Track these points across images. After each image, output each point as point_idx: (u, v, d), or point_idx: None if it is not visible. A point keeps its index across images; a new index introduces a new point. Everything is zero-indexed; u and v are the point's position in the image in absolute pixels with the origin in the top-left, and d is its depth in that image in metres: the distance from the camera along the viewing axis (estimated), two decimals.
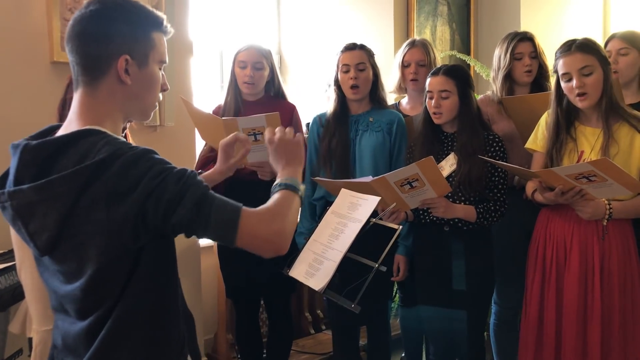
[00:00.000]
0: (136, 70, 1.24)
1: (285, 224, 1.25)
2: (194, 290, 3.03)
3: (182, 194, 1.15)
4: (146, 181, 1.13)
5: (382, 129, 2.56)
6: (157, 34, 1.28)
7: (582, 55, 2.10)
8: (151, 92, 1.30)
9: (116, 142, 1.17)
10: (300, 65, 4.23)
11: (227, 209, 1.19)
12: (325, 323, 3.72)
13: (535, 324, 2.31)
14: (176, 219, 1.15)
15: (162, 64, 1.31)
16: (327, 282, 1.70)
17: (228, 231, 1.18)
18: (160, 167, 1.15)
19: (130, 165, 1.13)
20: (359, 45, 2.60)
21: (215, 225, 1.17)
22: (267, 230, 1.21)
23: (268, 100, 2.76)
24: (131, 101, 1.27)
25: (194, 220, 1.16)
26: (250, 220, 1.19)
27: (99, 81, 1.23)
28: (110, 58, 1.22)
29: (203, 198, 1.17)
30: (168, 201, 1.14)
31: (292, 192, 1.34)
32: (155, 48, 1.27)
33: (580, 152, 2.18)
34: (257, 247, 1.22)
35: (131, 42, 1.23)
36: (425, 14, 4.12)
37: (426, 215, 2.41)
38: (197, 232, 1.20)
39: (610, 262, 2.14)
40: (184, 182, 1.16)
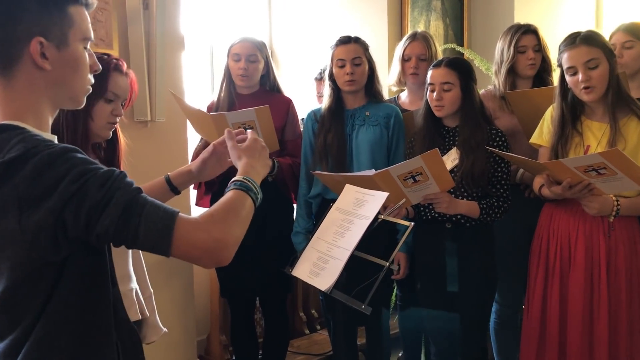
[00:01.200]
0: (55, 53, 1.08)
1: (229, 231, 1.10)
2: (185, 290, 2.94)
3: (106, 200, 1.01)
4: (65, 185, 0.99)
5: (379, 123, 2.50)
6: (76, 7, 1.11)
7: (587, 48, 2.06)
8: (78, 74, 1.13)
9: (32, 139, 1.03)
10: (292, 59, 4.16)
11: (160, 217, 1.05)
12: (320, 323, 3.65)
13: (538, 321, 2.27)
14: (100, 229, 1.01)
15: (87, 42, 1.14)
16: (334, 282, 1.63)
17: (161, 241, 1.05)
18: (81, 169, 1.01)
19: (46, 166, 0.99)
20: (354, 38, 2.53)
21: (145, 236, 1.04)
22: (205, 238, 1.07)
23: (263, 93, 2.69)
24: (56, 88, 1.11)
25: (120, 230, 1.03)
26: (186, 228, 1.06)
27: (13, 70, 1.07)
28: (21, 42, 1.06)
29: (131, 205, 1.03)
30: (90, 208, 1.00)
31: (244, 194, 1.20)
32: (76, 24, 1.11)
33: (586, 146, 2.14)
34: (194, 257, 1.09)
35: (44, 21, 1.06)
36: (419, 8, 4.06)
37: (427, 211, 2.35)
38: (126, 243, 1.06)
39: (616, 258, 2.10)
40: (109, 187, 1.02)
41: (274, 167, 2.56)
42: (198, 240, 1.07)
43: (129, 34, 2.60)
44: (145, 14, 2.63)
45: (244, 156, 1.34)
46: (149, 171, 1.60)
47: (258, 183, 1.27)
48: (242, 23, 3.96)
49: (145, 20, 2.63)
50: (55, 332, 1.07)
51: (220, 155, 1.58)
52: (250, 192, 1.21)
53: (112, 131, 1.71)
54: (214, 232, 1.08)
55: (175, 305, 2.83)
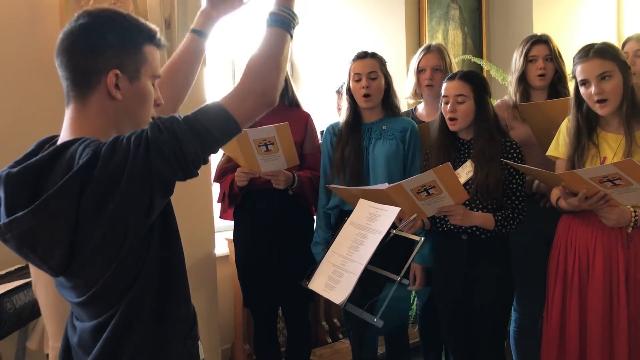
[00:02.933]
0: (127, 85, 1.21)
1: (271, 80, 1.25)
2: (210, 301, 3.02)
3: (173, 135, 1.13)
4: (132, 153, 1.11)
5: (395, 137, 2.54)
6: (150, 47, 1.24)
7: (600, 61, 2.06)
8: (143, 107, 1.26)
9: (94, 142, 1.15)
10: (312, 72, 4.22)
11: (216, 114, 1.19)
12: (342, 332, 3.69)
13: (557, 332, 2.27)
14: (190, 157, 1.14)
15: (156, 79, 1.28)
16: (348, 296, 1.68)
17: (230, 127, 1.20)
18: (134, 136, 1.13)
19: (111, 152, 1.11)
20: (370, 54, 2.58)
21: (220, 132, 1.19)
22: (255, 99, 1.22)
23: (282, 109, 2.73)
24: (123, 117, 1.24)
25: (202, 145, 1.16)
26: (235, 104, 1.20)
27: (88, 96, 1.21)
28: (100, 72, 1.19)
29: (191, 124, 1.16)
30: (171, 151, 1.12)
31: (284, 31, 1.31)
32: (148, 62, 1.24)
33: (602, 158, 2.14)
34: (256, 115, 1.25)
35: (121, 55, 1.20)
36: (437, 18, 4.09)
37: (443, 223, 2.38)
38: (213, 149, 1.21)
39: (636, 270, 2.10)
40: (164, 128, 1.14)
41: (294, 181, 2.62)
42: (250, 105, 1.22)
43: None
44: (167, 34, 2.72)
45: None
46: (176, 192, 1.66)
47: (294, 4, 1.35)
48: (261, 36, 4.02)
49: (168, 39, 2.71)
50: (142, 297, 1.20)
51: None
52: (289, 28, 1.32)
53: None
54: (258, 89, 1.23)
55: (200, 315, 2.85)
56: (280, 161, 2.50)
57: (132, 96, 1.23)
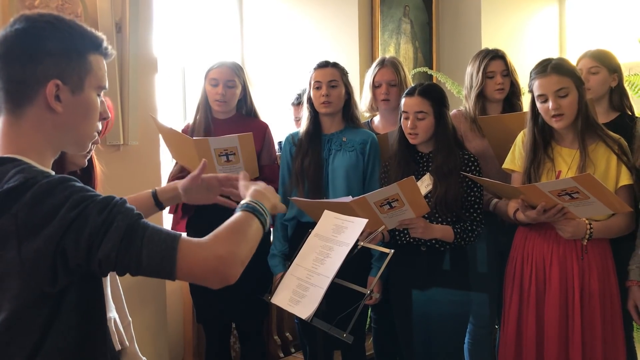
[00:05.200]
0: (69, 97, 1.10)
1: (233, 249, 1.09)
2: (159, 315, 2.90)
3: (106, 225, 1.01)
4: (63, 212, 0.99)
5: (355, 149, 2.53)
6: (95, 56, 1.14)
7: (558, 77, 2.11)
8: (87, 120, 1.15)
9: (31, 170, 1.04)
10: (264, 83, 4.17)
11: (162, 239, 1.05)
12: (295, 345, 3.62)
13: (513, 343, 2.29)
14: (102, 254, 1.01)
15: (101, 90, 1.17)
16: (315, 310, 1.63)
17: (165, 264, 1.04)
18: (80, 196, 1.02)
19: (44, 194, 1.00)
20: (332, 63, 2.58)
21: (149, 259, 1.03)
22: (209, 257, 1.06)
23: (239, 118, 2.68)
24: (63, 131, 1.13)
25: (123, 255, 1.02)
26: (190, 248, 1.06)
27: (24, 109, 1.09)
28: (38, 82, 1.07)
29: (132, 228, 1.03)
30: (90, 234, 1.00)
31: (252, 215, 1.19)
32: (93, 72, 1.13)
33: (557, 172, 2.18)
34: (200, 277, 1.08)
35: (63, 65, 1.09)
36: (389, 31, 4.13)
37: (402, 236, 2.38)
38: (130, 269, 1.05)
39: (590, 281, 2.14)
40: (109, 211, 1.02)
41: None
42: (201, 259, 1.06)
43: None
44: (118, 37, 2.62)
45: (253, 186, 1.34)
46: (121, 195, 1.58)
47: (268, 209, 1.25)
48: (214, 44, 3.96)
49: (118, 43, 2.62)
50: None
51: (212, 187, 1.57)
52: (258, 214, 1.20)
53: (88, 158, 1.69)
54: (217, 250, 1.07)
55: (148, 331, 2.78)
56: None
57: (74, 109, 1.11)
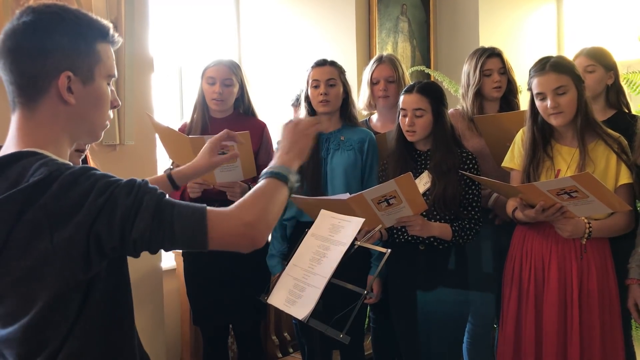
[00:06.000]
0: (80, 88, 1.11)
1: (260, 214, 1.13)
2: (156, 316, 2.89)
3: (136, 206, 1.04)
4: (92, 199, 1.01)
5: (353, 147, 2.52)
6: (103, 45, 1.15)
7: (557, 75, 2.10)
8: (99, 110, 1.17)
9: (54, 162, 1.06)
10: (261, 82, 4.15)
11: (190, 212, 1.08)
12: (293, 345, 3.61)
13: (512, 342, 2.28)
14: (136, 234, 1.04)
15: (111, 78, 1.18)
16: (311, 310, 1.62)
17: (197, 235, 1.08)
18: (104, 182, 1.04)
19: (71, 184, 1.01)
20: (330, 62, 2.56)
21: (181, 233, 1.07)
22: (237, 224, 1.11)
23: (237, 117, 2.67)
24: (77, 122, 1.14)
25: (156, 232, 1.05)
26: (218, 218, 1.10)
27: (37, 102, 1.10)
28: (50, 75, 1.09)
29: (161, 206, 1.06)
30: (122, 216, 1.03)
31: (278, 181, 1.23)
32: (102, 61, 1.14)
33: (557, 170, 2.17)
34: (231, 244, 1.13)
35: (73, 56, 1.10)
36: (387, 30, 4.11)
37: (401, 234, 2.37)
38: (164, 245, 1.08)
39: (589, 280, 2.13)
40: (135, 193, 1.04)
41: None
42: (231, 227, 1.11)
43: None
44: None
45: (284, 140, 1.37)
46: None
47: (294, 167, 1.30)
48: (211, 43, 3.94)
49: None
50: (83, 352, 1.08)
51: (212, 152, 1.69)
52: (282, 179, 1.23)
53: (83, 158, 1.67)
54: (244, 217, 1.12)
55: (146, 332, 2.76)
56: (237, 172, 2.41)
57: (86, 99, 1.13)
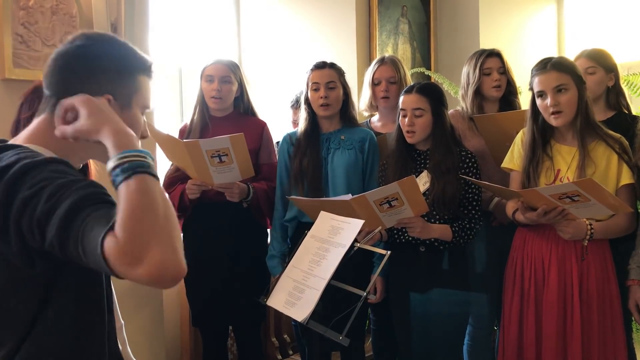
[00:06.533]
0: (118, 112, 1.12)
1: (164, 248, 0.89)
2: (155, 318, 2.87)
3: (52, 209, 0.91)
4: (23, 192, 0.95)
5: (354, 147, 2.51)
6: (143, 77, 1.20)
7: (558, 74, 2.10)
8: None
9: (27, 151, 1.03)
10: (261, 83, 4.15)
11: (92, 237, 0.89)
12: (293, 347, 3.60)
13: (515, 345, 2.27)
14: (48, 243, 0.92)
15: (145, 110, 1.21)
16: (310, 312, 1.61)
17: (106, 272, 0.92)
18: (44, 176, 0.95)
19: (21, 174, 0.97)
20: (329, 64, 2.56)
21: (88, 259, 0.90)
22: (143, 274, 0.87)
23: (237, 116, 2.66)
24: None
25: (65, 245, 0.91)
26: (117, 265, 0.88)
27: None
28: (92, 95, 1.10)
29: (71, 213, 0.90)
30: (38, 219, 0.93)
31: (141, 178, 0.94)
32: (140, 92, 1.19)
33: (556, 170, 2.16)
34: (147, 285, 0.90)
35: (116, 82, 1.14)
36: (387, 32, 4.11)
37: (401, 235, 2.36)
38: (80, 262, 0.93)
39: (589, 282, 2.12)
40: (60, 195, 0.91)
41: (249, 193, 2.53)
42: (137, 276, 0.88)
43: None
44: None
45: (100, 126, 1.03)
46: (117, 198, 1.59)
47: (135, 142, 1.01)
48: (211, 45, 3.94)
49: None
50: (41, 356, 1.03)
51: None
52: (148, 169, 0.96)
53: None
54: (150, 262, 0.87)
55: (145, 334, 2.75)
56: (235, 173, 2.40)
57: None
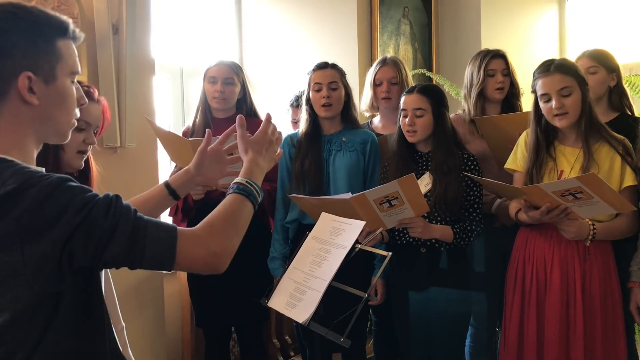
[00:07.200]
0: (42, 88, 1.07)
1: (227, 244, 1.17)
2: (157, 319, 2.87)
3: (112, 229, 1.04)
4: (69, 215, 1.00)
5: (355, 148, 2.51)
6: (64, 41, 1.11)
7: (561, 76, 2.09)
8: (65, 109, 1.13)
9: (24, 171, 1.02)
10: (263, 84, 4.14)
11: (162, 237, 1.10)
12: (294, 349, 3.59)
13: (515, 345, 2.27)
14: (109, 257, 1.05)
15: (75, 76, 1.15)
16: (312, 314, 1.60)
17: (165, 261, 1.10)
18: (81, 198, 1.02)
19: (46, 197, 0.99)
20: (331, 64, 2.55)
21: (150, 257, 1.09)
22: (205, 253, 1.14)
23: None
24: (42, 123, 1.10)
25: (127, 256, 1.07)
26: (187, 245, 1.12)
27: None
28: (9, 77, 1.05)
29: (135, 230, 1.07)
30: (99, 238, 1.03)
31: (244, 199, 1.26)
32: (63, 59, 1.10)
33: (560, 171, 2.16)
34: (194, 269, 1.16)
35: (32, 55, 1.06)
36: (389, 33, 4.10)
37: (402, 236, 2.35)
38: (132, 266, 1.10)
39: (591, 283, 2.12)
40: (112, 214, 1.05)
41: None
42: (198, 255, 1.13)
43: (98, 59, 2.56)
44: (114, 39, 2.59)
45: (250, 150, 1.39)
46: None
47: (260, 180, 1.34)
48: (212, 46, 3.94)
49: (115, 45, 2.59)
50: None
51: (219, 156, 1.58)
52: (251, 197, 1.27)
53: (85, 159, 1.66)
54: (212, 247, 1.14)
55: (146, 336, 2.75)
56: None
57: (49, 99, 1.09)
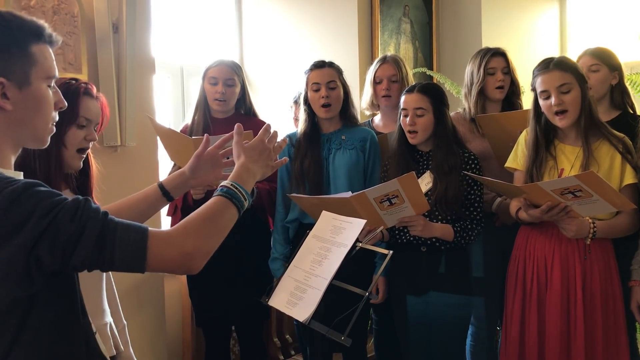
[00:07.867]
0: (16, 93, 1.07)
1: (201, 244, 1.13)
2: (157, 319, 2.87)
3: (78, 233, 1.02)
4: (35, 220, 0.99)
5: (355, 146, 2.50)
6: (39, 46, 1.10)
7: (561, 73, 2.09)
8: (40, 114, 1.12)
9: None
10: (263, 82, 4.14)
11: (132, 239, 1.07)
12: (295, 348, 3.59)
13: (517, 344, 2.26)
14: (76, 261, 1.03)
15: (52, 80, 1.13)
16: (312, 312, 1.60)
17: (136, 262, 1.08)
18: (48, 202, 1.01)
19: (12, 203, 0.99)
20: (328, 63, 2.54)
21: (121, 260, 1.07)
22: (176, 254, 1.10)
23: (238, 117, 2.65)
24: (17, 128, 1.10)
25: (96, 259, 1.05)
26: (158, 246, 1.09)
27: None
28: None
29: (103, 233, 1.05)
30: (65, 242, 1.02)
31: (229, 202, 1.22)
32: (38, 63, 1.09)
33: (560, 170, 2.16)
34: (167, 270, 1.14)
35: (4, 61, 1.05)
36: (389, 31, 4.10)
37: (402, 234, 2.35)
38: (102, 268, 1.09)
39: (592, 281, 2.12)
40: (79, 217, 1.03)
41: (253, 193, 2.52)
42: (169, 256, 1.10)
43: (98, 58, 2.56)
44: (115, 38, 2.59)
45: (243, 155, 1.37)
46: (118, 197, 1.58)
47: (251, 186, 1.32)
48: (212, 44, 3.93)
49: (115, 43, 2.59)
50: None
51: (215, 160, 1.57)
52: (234, 200, 1.23)
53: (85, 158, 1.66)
54: (185, 247, 1.11)
55: (146, 335, 2.75)
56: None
57: (24, 104, 1.08)
